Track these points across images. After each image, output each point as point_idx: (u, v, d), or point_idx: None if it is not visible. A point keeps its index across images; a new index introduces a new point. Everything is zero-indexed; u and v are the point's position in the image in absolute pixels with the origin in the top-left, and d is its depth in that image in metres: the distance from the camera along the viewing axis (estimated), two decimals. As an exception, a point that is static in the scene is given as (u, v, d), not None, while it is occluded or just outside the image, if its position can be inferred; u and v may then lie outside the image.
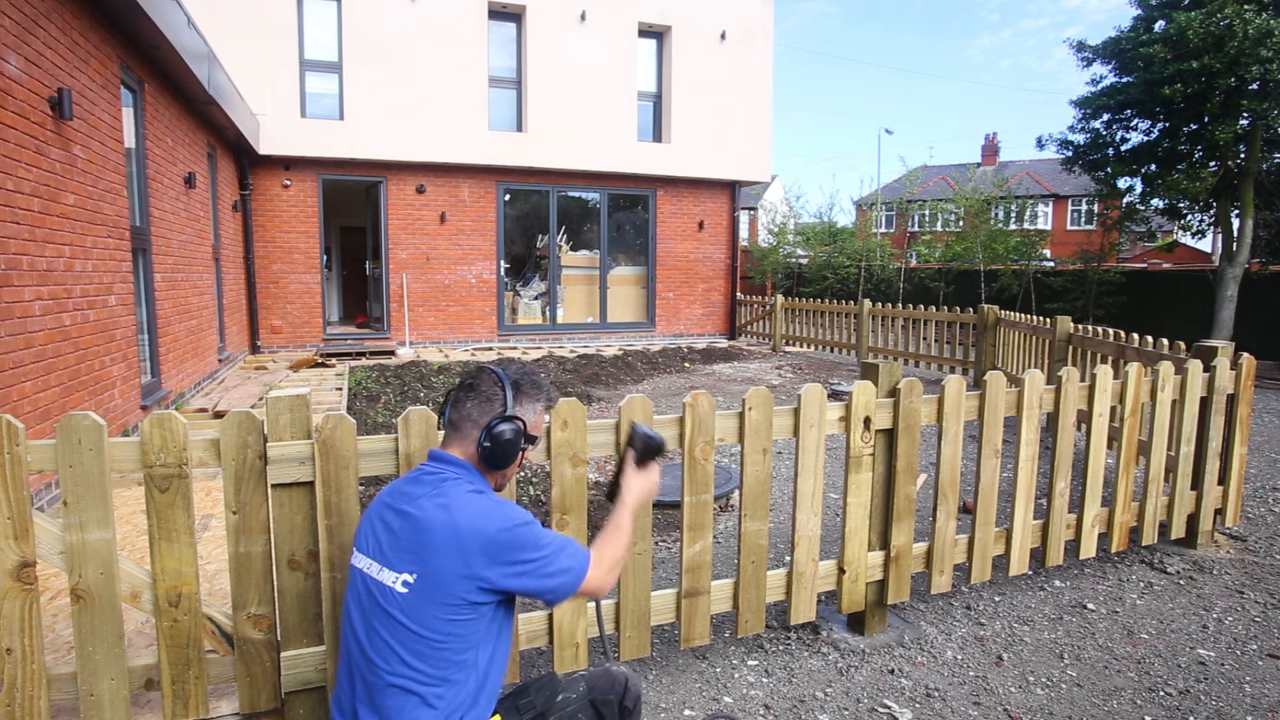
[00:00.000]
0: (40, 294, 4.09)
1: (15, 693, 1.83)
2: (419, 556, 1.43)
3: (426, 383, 8.22)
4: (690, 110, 13.07)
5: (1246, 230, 10.86)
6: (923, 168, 24.86)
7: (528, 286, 13.47)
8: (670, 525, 3.94)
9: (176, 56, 6.08)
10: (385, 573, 1.46)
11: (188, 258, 7.46)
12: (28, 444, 1.80)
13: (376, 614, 1.44)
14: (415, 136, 11.42)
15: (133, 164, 5.95)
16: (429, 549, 1.43)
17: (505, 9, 11.97)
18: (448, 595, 1.41)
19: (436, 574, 1.41)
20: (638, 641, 2.42)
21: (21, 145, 3.90)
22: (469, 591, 1.42)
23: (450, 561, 1.41)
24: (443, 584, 1.41)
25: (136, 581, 1.93)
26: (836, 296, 17.54)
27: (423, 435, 2.06)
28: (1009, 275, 15.04)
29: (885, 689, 2.50)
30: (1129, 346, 4.87)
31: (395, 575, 1.44)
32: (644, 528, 2.36)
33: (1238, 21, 9.58)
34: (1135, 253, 24.60)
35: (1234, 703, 2.44)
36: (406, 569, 1.44)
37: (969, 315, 9.27)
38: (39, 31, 4.11)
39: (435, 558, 1.42)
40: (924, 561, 2.91)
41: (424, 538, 1.44)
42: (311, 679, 2.06)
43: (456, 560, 1.41)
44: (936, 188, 26.27)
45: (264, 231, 11.16)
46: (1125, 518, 3.42)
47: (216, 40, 8.83)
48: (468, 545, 1.42)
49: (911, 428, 2.74)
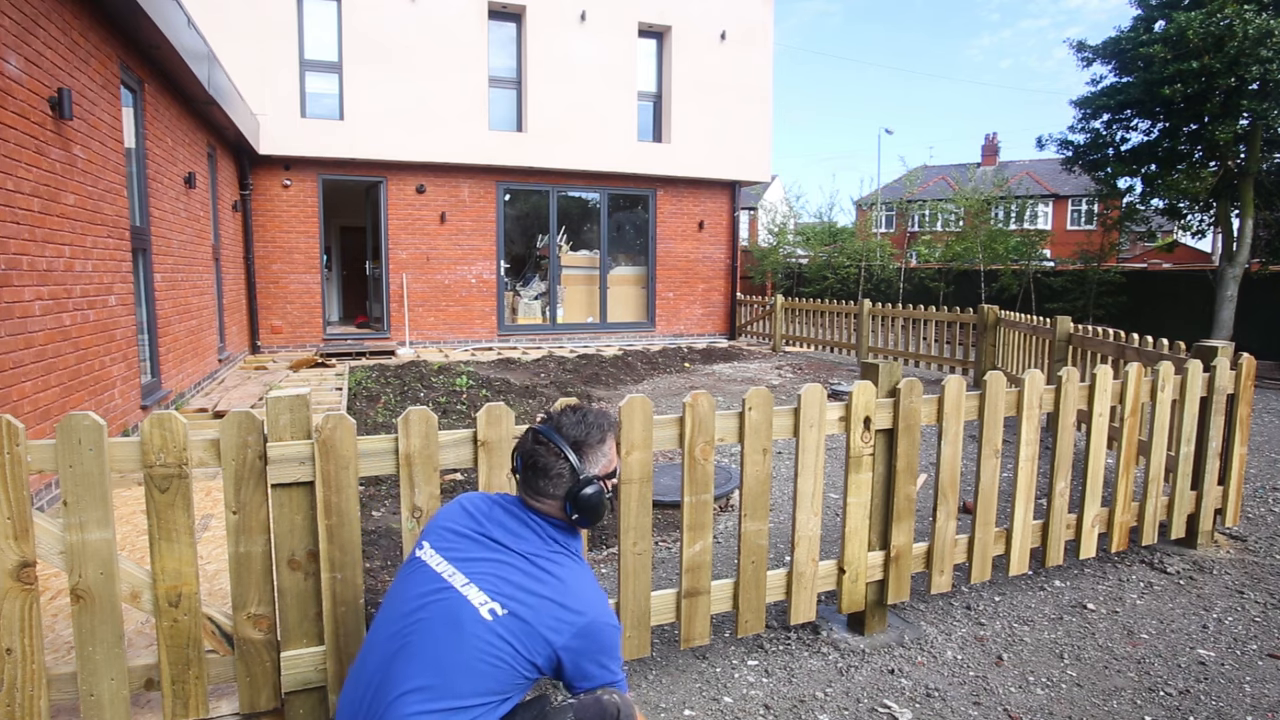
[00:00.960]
0: (40, 294, 4.09)
1: (15, 693, 1.83)
2: (520, 601, 1.49)
3: (426, 383, 8.22)
4: (690, 110, 13.06)
5: (1246, 230, 10.86)
6: (923, 168, 24.85)
7: (528, 286, 13.47)
8: (670, 525, 3.94)
9: (176, 56, 6.08)
10: (472, 589, 1.50)
11: (188, 258, 7.46)
12: (28, 444, 1.80)
13: (436, 616, 1.48)
14: (415, 136, 11.42)
15: (133, 164, 5.95)
16: (536, 602, 1.49)
17: (505, 9, 11.97)
18: (524, 646, 1.46)
19: (531, 623, 1.47)
20: (638, 641, 2.42)
21: (21, 145, 3.90)
22: (542, 657, 1.48)
23: (549, 621, 1.48)
24: (529, 635, 1.47)
25: (136, 581, 1.93)
26: (836, 296, 17.54)
27: (423, 435, 2.06)
28: (1009, 275, 15.04)
29: (885, 689, 2.50)
30: (1129, 346, 4.87)
31: (485, 599, 1.48)
32: (644, 528, 2.36)
33: (1238, 21, 9.58)
34: (1135, 253, 24.59)
35: (1234, 703, 2.44)
36: (500, 601, 1.48)
37: (969, 315, 9.27)
38: (39, 31, 4.11)
39: (538, 612, 1.48)
40: (924, 561, 2.91)
41: (535, 589, 1.51)
42: (311, 679, 2.06)
43: (552, 626, 1.48)
44: (936, 188, 26.27)
45: (264, 231, 11.16)
46: (1125, 518, 3.42)
47: (216, 40, 8.83)
48: (570, 627, 1.49)
49: (911, 428, 2.74)
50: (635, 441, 2.29)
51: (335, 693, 2.07)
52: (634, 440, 2.28)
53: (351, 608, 2.05)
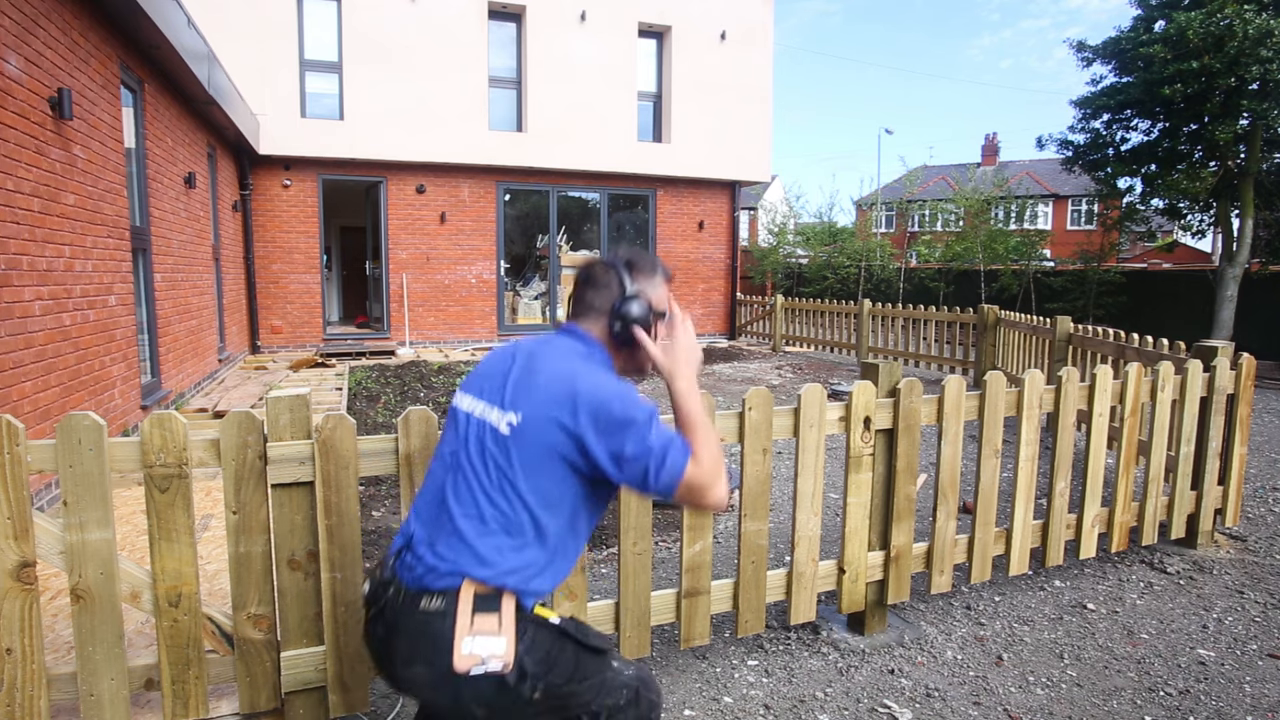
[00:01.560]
0: (40, 294, 4.09)
1: (15, 693, 1.83)
2: (531, 400, 1.42)
3: (426, 383, 8.22)
4: (690, 110, 13.07)
5: (1246, 230, 10.86)
6: (923, 168, 24.85)
7: (528, 286, 13.47)
8: (670, 525, 3.94)
9: (176, 56, 6.08)
10: (493, 412, 1.46)
11: (188, 258, 7.46)
12: (28, 444, 1.80)
13: (473, 454, 1.45)
14: (415, 136, 11.42)
15: (133, 164, 5.95)
16: (545, 398, 1.42)
17: (505, 9, 11.97)
18: (546, 444, 1.40)
19: (543, 420, 1.40)
20: (637, 641, 2.42)
21: (21, 145, 3.90)
22: (567, 448, 1.40)
23: (560, 413, 1.40)
24: (545, 431, 1.40)
25: (136, 581, 1.93)
26: (836, 296, 17.54)
27: (422, 435, 2.06)
28: (1009, 275, 15.04)
29: (885, 689, 2.50)
30: (1129, 346, 4.87)
31: (503, 415, 1.44)
32: (644, 528, 2.36)
33: (1238, 21, 9.58)
34: (1135, 253, 24.59)
35: (1234, 703, 2.44)
36: (515, 410, 1.43)
37: (969, 315, 9.27)
38: (39, 31, 4.11)
39: (546, 407, 1.41)
40: (924, 561, 2.91)
41: (542, 386, 1.43)
42: (311, 679, 2.06)
43: (566, 414, 1.39)
44: (936, 188, 26.26)
45: (264, 231, 11.16)
46: (1125, 518, 3.42)
47: (216, 40, 8.83)
48: (580, 406, 1.39)
49: (911, 428, 2.74)
50: (635, 441, 2.28)
51: (335, 693, 2.08)
52: (634, 440, 2.28)
53: (351, 608, 2.05)
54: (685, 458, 1.40)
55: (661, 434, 1.40)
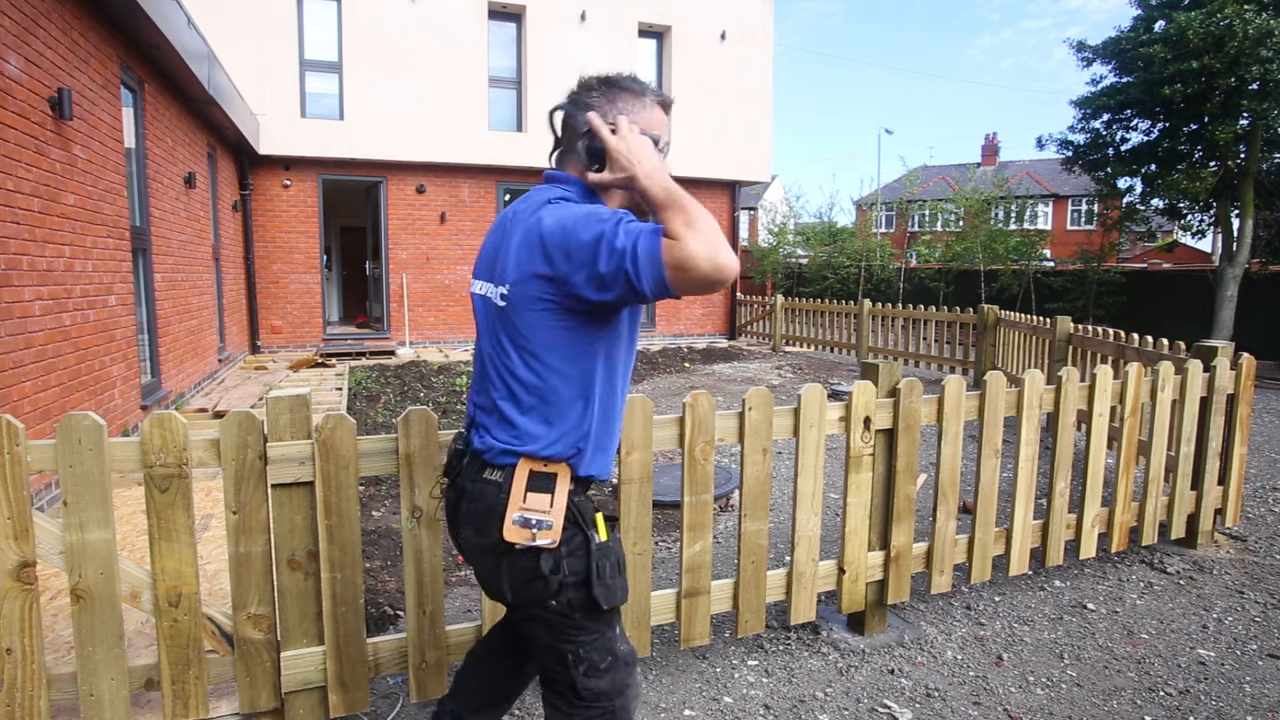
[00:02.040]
0: (40, 294, 4.09)
1: (15, 693, 1.83)
2: (513, 265, 1.41)
3: (426, 383, 8.22)
4: (690, 110, 13.06)
5: (1246, 230, 10.86)
6: (923, 168, 24.86)
7: (528, 286, 13.46)
8: (670, 525, 3.94)
9: (176, 56, 6.08)
10: (490, 288, 1.49)
11: (188, 258, 7.46)
12: (28, 444, 1.80)
13: (492, 331, 1.48)
14: (415, 136, 11.42)
15: (133, 164, 5.95)
16: (523, 258, 1.39)
17: (505, 9, 11.97)
18: (537, 300, 1.37)
19: (526, 279, 1.38)
20: (637, 641, 2.42)
21: (21, 145, 3.90)
22: (557, 294, 1.36)
23: (536, 265, 1.36)
24: (531, 288, 1.37)
25: (136, 581, 1.93)
26: (836, 296, 17.54)
27: (422, 435, 2.06)
28: (1009, 275, 15.05)
29: (885, 689, 2.50)
30: (1129, 346, 4.87)
31: (496, 289, 1.46)
32: (644, 528, 2.36)
33: (1238, 21, 9.58)
34: (1135, 253, 24.60)
35: (1234, 703, 2.44)
36: (504, 281, 1.44)
37: (969, 315, 9.27)
38: (39, 31, 4.11)
39: (524, 266, 1.39)
40: (924, 561, 2.91)
41: (516, 247, 1.42)
42: (312, 679, 2.06)
43: (540, 263, 1.36)
44: (936, 188, 26.27)
45: (264, 231, 11.16)
46: (1125, 518, 3.42)
47: (216, 40, 8.83)
48: (550, 248, 1.34)
49: (911, 428, 2.74)
50: (635, 441, 2.29)
51: (335, 692, 2.08)
52: (634, 440, 2.28)
53: (351, 608, 2.05)
54: (656, 240, 1.26)
55: (629, 231, 1.28)
